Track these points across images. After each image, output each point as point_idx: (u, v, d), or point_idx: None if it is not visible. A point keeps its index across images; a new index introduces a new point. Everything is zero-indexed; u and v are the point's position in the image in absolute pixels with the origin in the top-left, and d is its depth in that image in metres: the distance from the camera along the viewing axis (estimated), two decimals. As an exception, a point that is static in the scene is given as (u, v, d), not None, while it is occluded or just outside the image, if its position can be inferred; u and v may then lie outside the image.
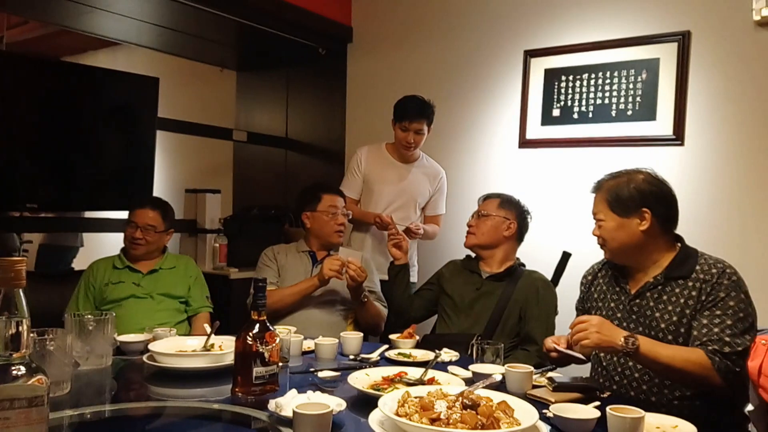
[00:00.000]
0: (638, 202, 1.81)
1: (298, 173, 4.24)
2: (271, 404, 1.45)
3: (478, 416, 1.19)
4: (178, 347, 1.94)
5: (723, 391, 1.69)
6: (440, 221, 3.30)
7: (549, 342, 1.88)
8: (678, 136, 2.96)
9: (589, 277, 2.07)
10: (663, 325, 1.77)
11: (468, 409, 1.21)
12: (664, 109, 3.01)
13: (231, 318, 3.06)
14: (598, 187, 1.92)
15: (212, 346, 1.96)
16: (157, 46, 4.14)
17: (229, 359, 1.80)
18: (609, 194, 1.85)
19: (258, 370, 1.61)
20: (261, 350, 1.62)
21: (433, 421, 1.19)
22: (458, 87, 3.62)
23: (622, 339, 1.63)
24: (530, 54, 3.39)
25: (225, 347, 1.93)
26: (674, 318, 1.76)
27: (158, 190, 3.73)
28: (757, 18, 2.68)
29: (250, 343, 1.62)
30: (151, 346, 1.90)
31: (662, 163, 2.85)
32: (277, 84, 4.42)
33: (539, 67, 3.37)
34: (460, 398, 1.24)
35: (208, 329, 2.08)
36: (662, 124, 3.02)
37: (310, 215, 2.76)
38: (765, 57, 2.72)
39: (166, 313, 2.59)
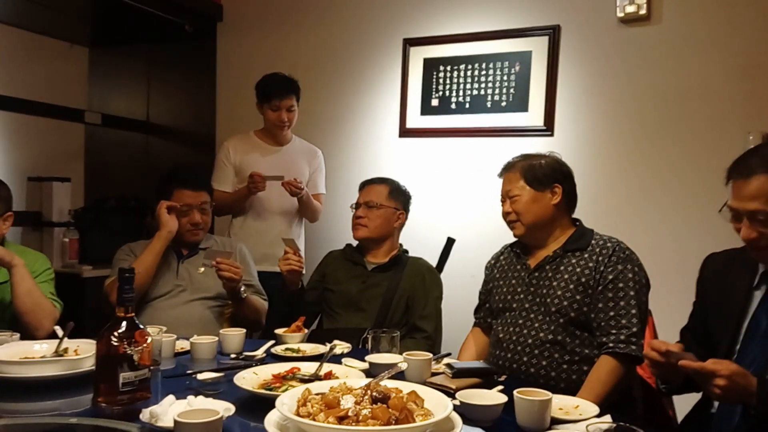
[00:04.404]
0: (551, 178, 1.93)
1: (162, 161, 3.89)
2: (144, 414, 1.25)
3: (390, 410, 1.08)
4: (24, 353, 1.66)
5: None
6: (322, 200, 3.15)
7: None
8: (548, 127, 3.06)
9: (492, 261, 2.14)
10: (560, 292, 1.83)
11: (378, 403, 1.09)
12: (536, 100, 3.11)
13: (85, 322, 2.74)
14: (510, 167, 2.00)
15: (65, 350, 1.69)
16: (-5, 16, 3.61)
17: (88, 365, 1.57)
18: (525, 171, 1.95)
19: (125, 376, 1.39)
20: (129, 352, 1.40)
21: (341, 419, 1.07)
22: (337, 73, 3.51)
23: None
24: (409, 42, 3.36)
25: (81, 351, 1.67)
26: (570, 286, 1.83)
27: (-7, 177, 3.23)
28: (620, 15, 2.84)
29: (116, 344, 1.39)
30: (-12, 354, 1.59)
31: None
32: (137, 63, 4.06)
33: (418, 56, 3.35)
34: (368, 391, 1.12)
35: (60, 332, 1.79)
36: (534, 115, 3.12)
37: None
38: (627, 52, 2.89)
39: None
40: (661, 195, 2.83)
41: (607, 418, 1.32)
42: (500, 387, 1.50)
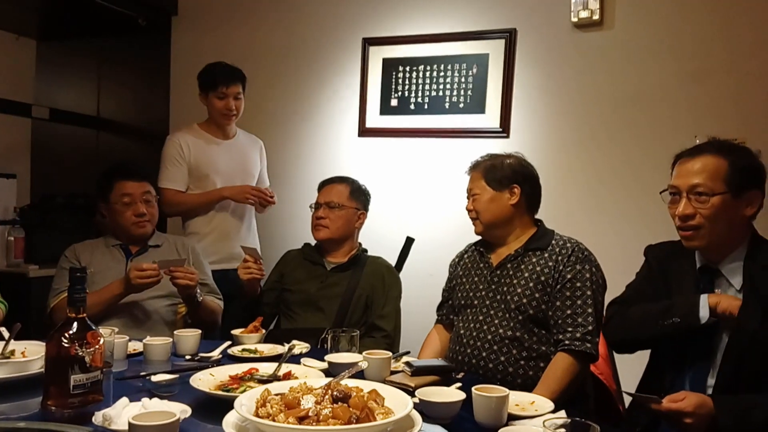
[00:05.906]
0: (510, 179, 1.98)
1: (113, 157, 3.77)
2: (97, 417, 1.22)
3: (351, 409, 1.07)
4: (-34, 357, 1.58)
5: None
6: None
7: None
8: (504, 129, 3.11)
9: (456, 259, 2.17)
10: (520, 290, 1.88)
11: (339, 402, 1.09)
12: (492, 102, 3.15)
13: (30, 323, 2.64)
14: (475, 167, 2.06)
15: (12, 352, 1.64)
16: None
17: (36, 367, 1.52)
18: (486, 171, 2.00)
19: (77, 378, 1.35)
20: (80, 354, 1.35)
21: (302, 419, 1.06)
22: (296, 71, 3.48)
23: None
24: (369, 42, 3.36)
25: (29, 353, 1.62)
26: (531, 284, 1.88)
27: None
28: (575, 20, 2.90)
29: (67, 345, 1.35)
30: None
31: (490, 154, 2.99)
32: (88, 56, 3.94)
33: (378, 56, 3.36)
34: (329, 391, 1.12)
35: (6, 333, 1.72)
36: (490, 117, 3.16)
37: (104, 206, 2.43)
38: (581, 56, 2.96)
39: None
40: (614, 195, 2.90)
41: (562, 413, 1.35)
42: (458, 384, 1.51)
